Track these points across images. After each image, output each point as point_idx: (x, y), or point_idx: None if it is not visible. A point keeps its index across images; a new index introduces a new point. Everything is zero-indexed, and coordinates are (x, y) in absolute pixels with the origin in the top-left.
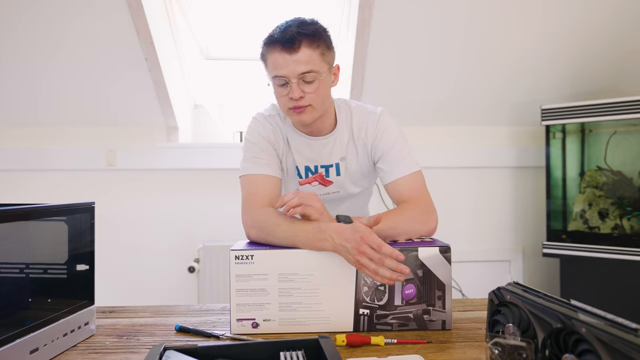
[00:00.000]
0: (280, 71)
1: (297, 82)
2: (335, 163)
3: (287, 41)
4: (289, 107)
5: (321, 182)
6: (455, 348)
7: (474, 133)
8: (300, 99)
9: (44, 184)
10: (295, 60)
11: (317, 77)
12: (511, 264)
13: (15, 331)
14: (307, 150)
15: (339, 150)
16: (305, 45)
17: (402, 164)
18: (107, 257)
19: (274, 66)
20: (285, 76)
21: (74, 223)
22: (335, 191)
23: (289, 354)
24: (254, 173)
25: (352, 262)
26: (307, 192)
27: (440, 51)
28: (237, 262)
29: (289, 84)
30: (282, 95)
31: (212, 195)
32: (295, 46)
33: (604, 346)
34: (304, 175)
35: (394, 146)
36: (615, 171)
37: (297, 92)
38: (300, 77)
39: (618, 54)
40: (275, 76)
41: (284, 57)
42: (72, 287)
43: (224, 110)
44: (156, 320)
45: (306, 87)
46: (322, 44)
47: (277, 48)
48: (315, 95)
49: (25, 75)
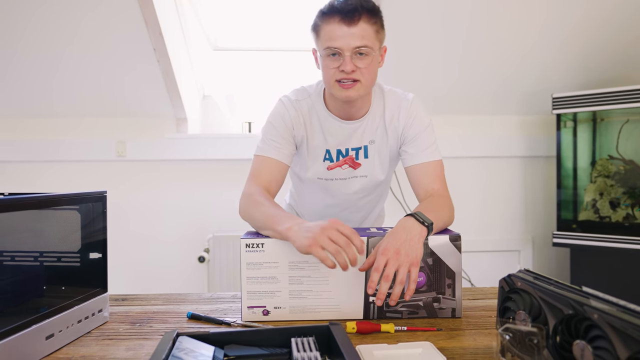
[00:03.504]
0: (335, 42)
1: (350, 55)
2: (364, 145)
3: (348, 12)
4: (337, 79)
5: (351, 165)
6: (466, 335)
7: (483, 122)
8: (351, 73)
9: (55, 175)
10: (353, 33)
11: (371, 53)
12: (521, 253)
13: (31, 317)
14: (338, 133)
15: (369, 133)
16: (365, 19)
17: (427, 150)
18: (118, 247)
19: (329, 37)
20: (340, 48)
21: (86, 212)
22: (363, 175)
23: (300, 340)
24: (265, 155)
25: (305, 245)
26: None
27: (448, 40)
28: (247, 250)
29: (341, 56)
30: (331, 67)
31: (221, 185)
32: (356, 18)
33: (615, 332)
34: (335, 159)
35: (422, 132)
36: (627, 160)
37: (349, 65)
38: (355, 50)
39: (630, 42)
40: (328, 47)
41: (342, 28)
42: (86, 275)
43: (232, 101)
44: (168, 308)
45: (359, 61)
46: (379, 21)
47: (336, 18)
48: (367, 71)
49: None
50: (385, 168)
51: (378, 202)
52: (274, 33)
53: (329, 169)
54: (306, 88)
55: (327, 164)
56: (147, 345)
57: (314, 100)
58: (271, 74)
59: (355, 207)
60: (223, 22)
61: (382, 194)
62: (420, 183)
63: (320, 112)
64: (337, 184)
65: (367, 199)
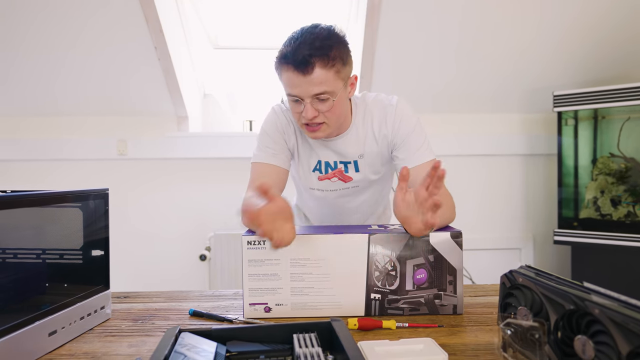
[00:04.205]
0: (293, 90)
1: (310, 101)
2: (354, 160)
3: (299, 63)
4: (302, 122)
5: (340, 178)
6: (467, 332)
7: (484, 120)
8: (313, 118)
9: (56, 174)
10: (309, 81)
11: (332, 97)
12: (522, 251)
13: (34, 314)
14: (324, 149)
15: (355, 147)
16: (319, 66)
17: (419, 152)
18: (120, 245)
19: (288, 84)
20: (299, 95)
21: (88, 209)
22: (355, 186)
23: (302, 336)
24: (262, 161)
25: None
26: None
27: (446, 38)
28: (249, 247)
29: (302, 102)
30: (295, 111)
31: (222, 184)
32: (309, 68)
33: (617, 327)
34: (324, 171)
35: (411, 134)
36: (628, 158)
37: (310, 112)
38: (315, 97)
39: (631, 39)
40: (289, 93)
41: (297, 77)
42: (88, 272)
43: (233, 100)
44: (170, 305)
45: (320, 105)
46: (338, 62)
47: (290, 68)
48: (330, 114)
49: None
50: (379, 172)
51: (377, 201)
52: (275, 31)
53: (320, 179)
54: None
55: (317, 175)
56: (150, 342)
57: None
58: (272, 72)
59: (349, 210)
60: (224, 20)
61: (379, 193)
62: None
63: None
64: (329, 195)
65: (359, 199)
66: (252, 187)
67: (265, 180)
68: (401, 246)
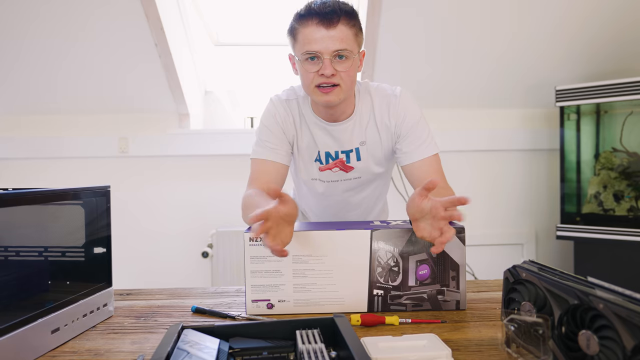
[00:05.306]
0: (313, 46)
1: (330, 58)
2: (355, 148)
3: (327, 14)
4: (317, 84)
5: (342, 168)
6: (470, 327)
7: (486, 116)
8: (331, 77)
9: (57, 172)
10: (332, 36)
11: (351, 56)
12: (524, 247)
13: (37, 312)
14: (326, 136)
15: (358, 134)
16: (344, 22)
17: (423, 146)
18: (122, 242)
19: (307, 40)
20: (319, 51)
21: (90, 207)
22: (357, 177)
23: (304, 332)
24: (261, 157)
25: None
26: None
27: (447, 32)
28: (251, 244)
29: (320, 60)
30: (310, 71)
31: (224, 181)
32: (334, 21)
33: (621, 321)
34: (325, 161)
35: (415, 127)
36: (631, 152)
37: (329, 69)
38: (335, 53)
39: (633, 33)
40: (307, 51)
41: (320, 31)
42: (90, 269)
43: (234, 96)
44: (172, 302)
45: (338, 65)
46: (358, 24)
47: (313, 21)
48: (346, 75)
49: (34, 65)
50: (382, 165)
51: (378, 197)
52: (276, 28)
53: (321, 170)
54: (295, 89)
55: (318, 165)
56: (152, 339)
57: (301, 102)
58: (273, 69)
59: (351, 205)
60: (224, 17)
61: (381, 188)
62: (421, 181)
63: (307, 115)
64: (330, 186)
65: (362, 194)
66: (252, 184)
67: (274, 186)
68: (404, 242)
